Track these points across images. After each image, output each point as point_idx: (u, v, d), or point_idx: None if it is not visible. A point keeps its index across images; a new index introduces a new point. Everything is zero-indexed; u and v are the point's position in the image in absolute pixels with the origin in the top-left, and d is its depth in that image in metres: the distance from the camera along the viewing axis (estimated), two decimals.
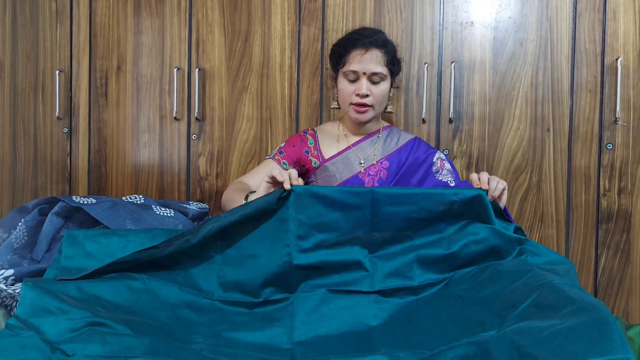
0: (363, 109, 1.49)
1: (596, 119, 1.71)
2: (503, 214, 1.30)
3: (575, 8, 1.72)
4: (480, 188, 1.26)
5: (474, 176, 1.29)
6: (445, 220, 1.27)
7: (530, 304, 0.99)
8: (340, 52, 1.53)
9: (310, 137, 1.61)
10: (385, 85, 1.50)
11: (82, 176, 2.07)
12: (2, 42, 2.11)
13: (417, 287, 1.24)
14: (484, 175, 1.27)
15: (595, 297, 1.68)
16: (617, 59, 1.67)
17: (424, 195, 1.26)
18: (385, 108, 1.57)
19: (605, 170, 1.70)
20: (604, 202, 1.70)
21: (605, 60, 1.70)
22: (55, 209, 1.39)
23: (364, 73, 1.46)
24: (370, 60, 1.47)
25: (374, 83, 1.48)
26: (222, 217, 1.23)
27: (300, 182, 1.27)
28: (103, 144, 2.06)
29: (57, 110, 2.05)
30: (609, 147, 1.69)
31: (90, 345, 0.97)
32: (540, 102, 1.74)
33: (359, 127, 1.57)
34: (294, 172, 1.26)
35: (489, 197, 1.24)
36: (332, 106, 1.64)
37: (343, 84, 1.51)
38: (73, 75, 2.07)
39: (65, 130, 2.08)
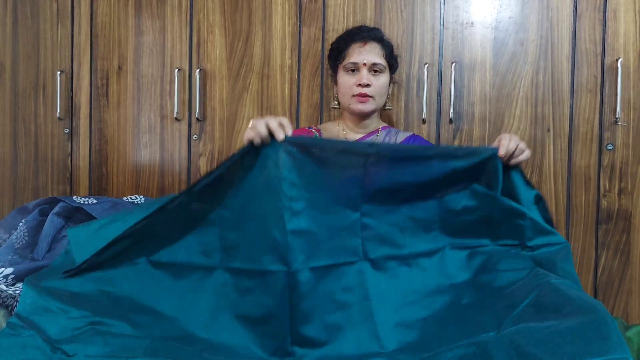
0: (365, 98, 1.49)
1: (596, 119, 1.71)
2: (524, 178, 1.24)
3: (576, 8, 1.72)
4: (493, 148, 1.20)
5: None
6: (442, 183, 1.23)
7: (529, 304, 1.00)
8: (339, 48, 1.55)
9: (315, 132, 1.61)
10: (385, 78, 1.52)
11: (82, 176, 2.08)
12: (3, 42, 2.11)
13: (408, 256, 1.22)
14: (503, 138, 1.22)
15: (595, 297, 1.68)
16: (617, 59, 1.67)
17: (423, 159, 1.21)
18: (385, 105, 1.58)
19: (606, 170, 1.70)
20: (604, 203, 1.70)
21: (606, 61, 1.70)
22: (56, 209, 1.39)
23: (364, 64, 1.48)
24: (369, 52, 1.50)
25: (374, 74, 1.50)
26: (210, 174, 1.19)
27: (289, 130, 1.19)
28: (104, 144, 2.06)
29: (58, 110, 2.05)
30: (609, 148, 1.69)
31: (91, 346, 0.97)
32: (541, 102, 1.74)
33: (360, 122, 1.57)
34: (285, 120, 1.19)
35: (501, 154, 1.19)
36: (332, 105, 1.64)
37: (343, 77, 1.52)
38: (74, 76, 2.07)
39: (66, 130, 2.08)
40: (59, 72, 2.05)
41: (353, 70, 1.50)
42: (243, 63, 1.94)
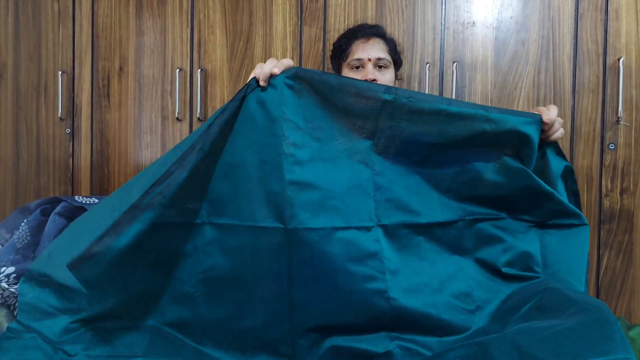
0: None
1: (598, 119, 1.70)
2: (556, 151, 1.19)
3: (577, 8, 1.71)
4: (535, 113, 1.12)
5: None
6: (467, 148, 1.10)
7: (532, 307, 0.99)
8: (342, 46, 1.54)
9: None
10: (390, 74, 1.49)
11: (84, 177, 2.08)
12: (5, 42, 2.11)
13: (425, 225, 1.11)
14: (544, 108, 1.16)
15: (597, 297, 1.67)
16: (619, 59, 1.67)
17: (450, 115, 1.06)
18: None
19: (608, 170, 1.69)
20: (606, 203, 1.70)
21: (608, 60, 1.69)
22: (58, 209, 1.39)
23: (369, 59, 1.46)
24: (373, 47, 1.48)
25: (379, 69, 1.47)
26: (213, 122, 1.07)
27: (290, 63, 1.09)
28: (105, 144, 2.06)
29: (60, 111, 2.05)
30: (611, 147, 1.69)
31: (92, 345, 0.97)
32: (542, 102, 1.74)
33: None
34: (270, 63, 1.08)
35: (545, 120, 1.11)
36: None
37: (348, 75, 1.49)
38: (75, 76, 2.07)
39: (68, 131, 2.08)
40: (60, 73, 2.05)
41: (358, 67, 1.48)
42: (244, 63, 1.94)
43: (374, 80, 1.44)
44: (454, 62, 1.78)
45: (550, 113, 1.15)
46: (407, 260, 1.09)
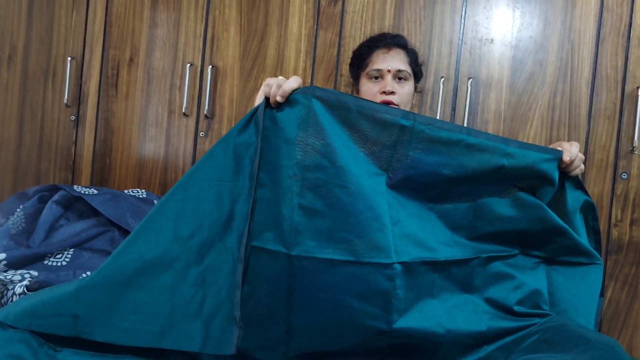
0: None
1: (612, 146, 1.67)
2: (575, 184, 1.14)
3: (599, 32, 1.68)
4: (557, 150, 1.08)
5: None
6: (481, 181, 1.06)
7: (539, 339, 0.95)
8: (362, 55, 1.50)
9: None
10: (409, 86, 1.45)
11: (85, 165, 2.05)
12: (18, 25, 2.09)
13: (442, 263, 1.04)
14: (565, 143, 1.13)
15: (600, 330, 1.63)
16: (638, 88, 1.63)
17: (469, 148, 1.02)
18: None
19: (619, 199, 1.65)
20: (614, 232, 1.66)
21: (626, 88, 1.66)
22: (56, 197, 1.37)
23: (389, 70, 1.41)
24: (393, 58, 1.43)
25: (398, 82, 1.43)
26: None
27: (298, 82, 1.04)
28: (109, 134, 2.03)
29: (66, 97, 2.03)
30: (624, 177, 1.65)
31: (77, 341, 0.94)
32: (557, 125, 1.70)
33: None
34: (294, 80, 1.03)
35: (565, 160, 1.08)
36: None
37: (366, 85, 1.46)
38: (85, 64, 2.05)
39: (73, 118, 2.06)
40: (69, 59, 2.03)
41: (377, 78, 1.44)
42: (256, 63, 1.92)
43: (393, 92, 1.40)
44: (469, 78, 1.74)
45: (571, 152, 1.10)
46: (418, 299, 1.04)
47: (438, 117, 1.75)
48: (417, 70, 1.51)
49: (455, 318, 1.06)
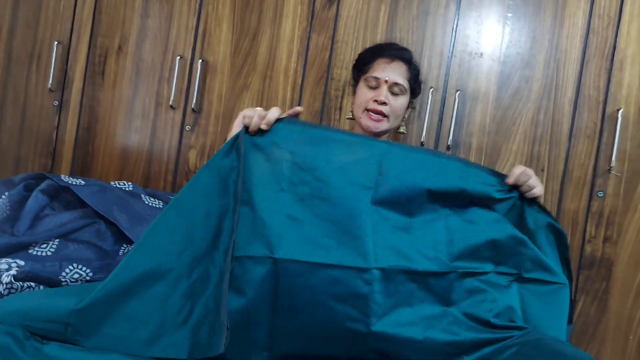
0: (378, 117, 1.43)
1: (591, 165, 1.72)
2: (538, 206, 1.22)
3: (584, 53, 1.73)
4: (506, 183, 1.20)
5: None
6: (448, 200, 1.18)
7: (518, 353, 0.98)
8: (365, 59, 1.51)
9: None
10: (403, 100, 1.47)
11: (67, 152, 2.02)
12: (3, 6, 2.05)
13: (421, 274, 1.11)
14: (516, 167, 1.22)
15: (569, 342, 1.68)
16: (618, 110, 1.69)
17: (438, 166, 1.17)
18: (398, 128, 1.56)
19: (594, 217, 1.71)
20: (587, 249, 1.71)
21: (607, 109, 1.71)
22: (42, 186, 1.34)
23: (386, 81, 1.43)
24: (393, 70, 1.45)
25: (393, 94, 1.45)
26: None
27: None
28: (93, 122, 2.01)
29: (50, 81, 1.99)
30: (600, 195, 1.71)
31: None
32: (539, 141, 1.75)
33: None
34: (276, 111, 1.17)
35: (508, 182, 1.20)
36: (347, 116, 1.63)
37: (362, 89, 1.47)
38: (71, 49, 2.02)
39: (56, 103, 2.02)
40: (56, 43, 1.99)
41: (373, 87, 1.45)
42: (247, 61, 1.92)
43: (384, 103, 1.42)
44: (457, 90, 1.78)
45: (510, 176, 1.21)
46: (397, 306, 1.09)
47: (425, 127, 1.78)
48: (415, 87, 1.52)
49: (433, 327, 1.10)
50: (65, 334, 0.93)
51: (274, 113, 1.16)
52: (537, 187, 1.21)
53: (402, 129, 1.59)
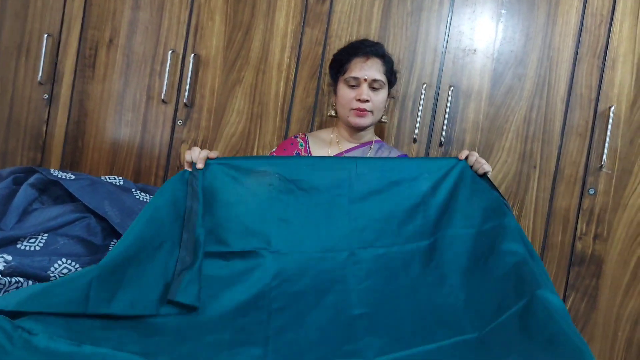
0: (363, 112, 1.51)
1: (582, 163, 1.73)
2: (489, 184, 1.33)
3: (577, 52, 1.74)
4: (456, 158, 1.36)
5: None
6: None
7: (515, 314, 1.02)
8: (341, 60, 1.55)
9: (300, 140, 1.59)
10: (383, 94, 1.54)
11: (56, 146, 1.99)
12: None
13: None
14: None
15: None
16: (610, 107, 1.70)
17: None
18: (381, 118, 1.60)
19: (585, 214, 1.72)
20: (578, 245, 1.73)
21: (599, 107, 1.72)
22: (31, 180, 1.32)
23: (365, 79, 1.49)
24: (370, 68, 1.50)
25: (373, 90, 1.51)
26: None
27: (212, 154, 1.30)
28: (83, 116, 1.98)
29: (40, 74, 1.97)
30: (591, 192, 1.72)
31: (52, 327, 0.92)
32: (531, 139, 1.76)
33: (354, 133, 1.57)
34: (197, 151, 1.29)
35: (461, 157, 1.35)
36: (329, 114, 1.63)
37: (344, 90, 1.52)
38: (61, 42, 1.99)
39: (45, 96, 1.99)
40: (46, 36, 1.96)
41: (353, 86, 1.51)
42: (240, 55, 1.90)
43: (367, 100, 1.50)
44: (450, 87, 1.78)
45: (461, 154, 1.38)
46: (374, 282, 1.23)
47: (418, 123, 1.78)
48: (392, 79, 1.59)
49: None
50: (87, 305, 0.99)
51: (202, 152, 1.29)
52: (485, 163, 1.34)
53: (384, 119, 1.62)
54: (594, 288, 1.71)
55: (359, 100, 1.49)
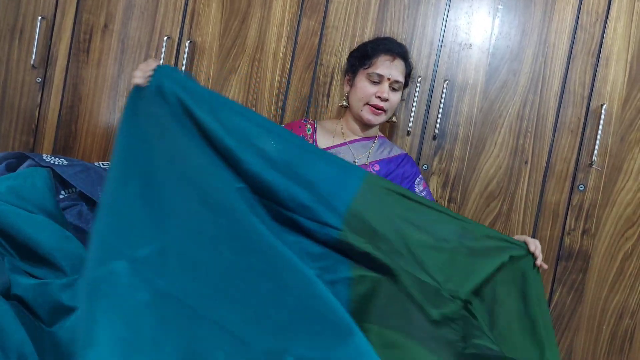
0: (379, 111, 1.53)
1: (573, 159, 1.75)
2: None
3: (572, 49, 1.76)
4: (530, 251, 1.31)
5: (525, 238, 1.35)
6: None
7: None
8: (368, 53, 1.55)
9: (309, 126, 1.61)
10: (399, 96, 1.57)
11: (49, 130, 1.98)
12: None
13: None
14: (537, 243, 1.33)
15: None
16: (602, 105, 1.72)
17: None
18: (390, 117, 1.60)
19: (574, 209, 1.75)
20: (566, 240, 1.75)
21: (591, 104, 1.74)
22: (24, 166, 1.32)
23: (389, 79, 1.51)
24: (396, 68, 1.53)
25: (392, 91, 1.53)
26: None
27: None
28: (77, 100, 1.97)
29: (33, 57, 1.95)
30: (581, 189, 1.74)
31: None
32: (523, 134, 1.78)
33: (363, 128, 1.59)
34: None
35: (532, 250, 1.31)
36: (340, 103, 1.66)
37: (364, 83, 1.53)
38: (55, 25, 1.97)
39: (39, 80, 1.98)
40: (40, 19, 1.95)
41: (376, 82, 1.51)
42: (236, 42, 1.90)
43: (387, 100, 1.51)
44: (445, 80, 1.79)
45: (533, 246, 1.32)
46: None
47: (412, 116, 1.79)
48: (408, 82, 1.62)
49: None
50: None
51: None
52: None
53: (393, 118, 1.63)
54: (580, 282, 1.75)
55: (379, 97, 1.51)
